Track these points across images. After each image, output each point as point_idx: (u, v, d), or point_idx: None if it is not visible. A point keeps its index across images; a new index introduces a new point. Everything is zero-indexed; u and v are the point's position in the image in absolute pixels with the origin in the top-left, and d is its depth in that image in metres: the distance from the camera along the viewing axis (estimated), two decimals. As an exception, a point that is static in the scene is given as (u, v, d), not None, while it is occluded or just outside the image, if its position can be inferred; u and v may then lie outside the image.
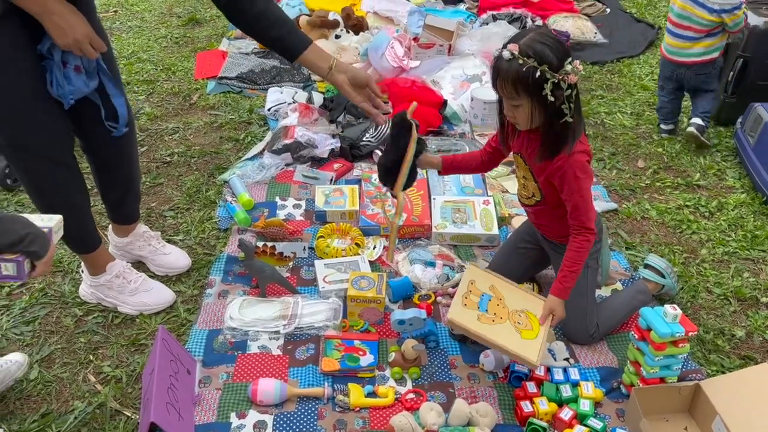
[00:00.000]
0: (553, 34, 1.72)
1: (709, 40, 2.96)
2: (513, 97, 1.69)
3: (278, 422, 1.73)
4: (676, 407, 1.80)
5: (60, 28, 1.63)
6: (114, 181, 2.10)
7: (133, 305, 2.09)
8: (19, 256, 1.32)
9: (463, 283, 1.91)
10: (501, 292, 1.92)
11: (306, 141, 2.85)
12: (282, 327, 2.01)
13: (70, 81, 1.74)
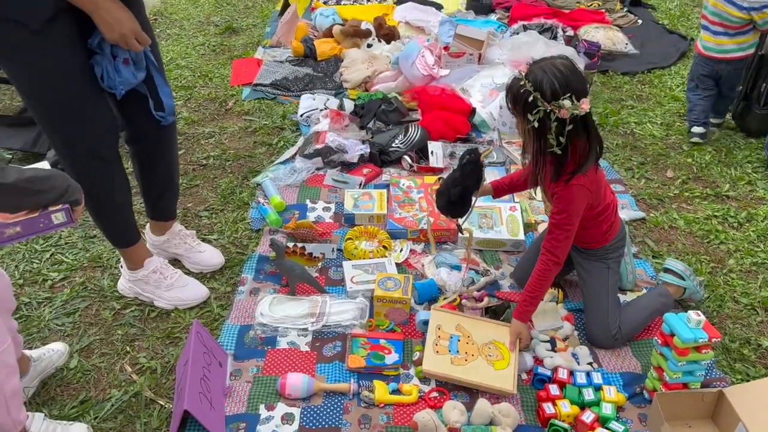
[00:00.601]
0: (572, 69, 1.75)
1: (741, 38, 3.06)
2: (512, 112, 1.84)
3: (305, 415, 1.79)
4: (699, 414, 1.81)
5: (108, 23, 1.72)
6: (156, 175, 2.19)
7: (169, 300, 2.17)
8: (65, 204, 1.46)
9: (431, 330, 1.96)
10: (468, 329, 1.98)
11: (336, 146, 2.92)
12: (310, 324, 2.07)
13: (119, 73, 1.84)
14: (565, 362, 1.95)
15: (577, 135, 1.76)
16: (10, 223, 1.42)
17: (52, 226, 1.48)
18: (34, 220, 1.45)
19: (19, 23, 1.65)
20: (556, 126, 1.72)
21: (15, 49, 1.71)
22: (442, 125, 3.09)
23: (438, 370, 1.83)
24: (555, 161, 1.81)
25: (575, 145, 1.79)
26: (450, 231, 2.47)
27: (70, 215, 1.49)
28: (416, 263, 2.36)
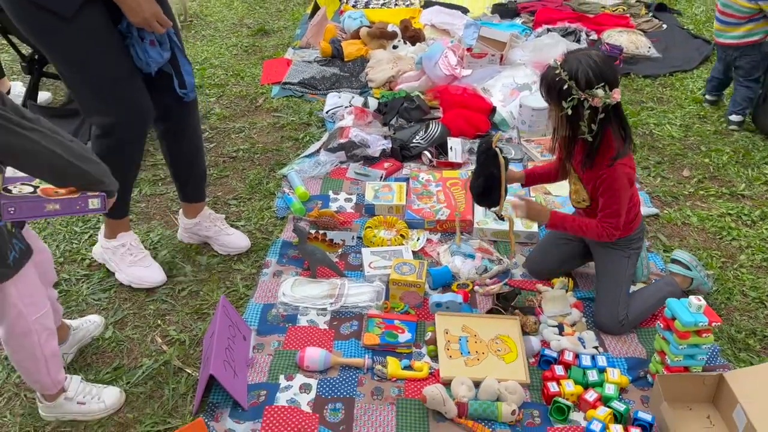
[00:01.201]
0: (605, 60, 1.87)
1: (750, 25, 3.27)
2: (546, 100, 1.92)
3: (322, 386, 1.90)
4: (700, 397, 1.87)
5: (132, 8, 1.88)
6: (182, 152, 2.32)
7: (127, 275, 2.30)
8: (102, 193, 1.58)
9: (439, 335, 2.04)
10: (473, 328, 2.07)
11: (359, 141, 3.04)
12: (329, 305, 2.19)
13: (147, 54, 2.00)
14: (572, 345, 2.03)
15: (609, 123, 1.87)
16: (51, 199, 1.56)
17: (86, 210, 1.59)
18: (72, 201, 1.57)
19: (51, 12, 1.82)
20: (589, 114, 1.82)
21: (52, 36, 1.88)
22: (463, 122, 3.19)
23: (455, 375, 1.91)
24: (586, 148, 1.91)
25: (608, 132, 1.89)
26: (465, 222, 2.57)
27: (104, 204, 1.60)
28: (432, 251, 2.47)
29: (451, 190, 2.75)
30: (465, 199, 2.69)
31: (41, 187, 1.58)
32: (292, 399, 1.86)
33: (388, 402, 1.86)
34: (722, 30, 3.37)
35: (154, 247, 2.52)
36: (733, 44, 3.34)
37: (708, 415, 1.84)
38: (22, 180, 1.60)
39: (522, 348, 2.01)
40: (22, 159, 1.47)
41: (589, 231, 2.02)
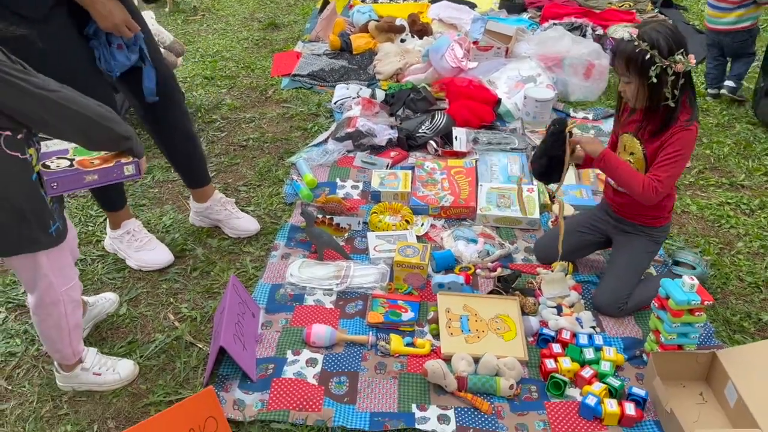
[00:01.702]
0: (673, 27, 1.96)
1: (740, 11, 3.45)
2: (625, 75, 1.96)
3: (327, 361, 1.98)
4: (693, 375, 1.93)
5: (103, 15, 1.96)
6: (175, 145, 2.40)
7: (136, 260, 2.39)
8: (134, 159, 1.66)
9: (441, 313, 2.10)
10: (473, 307, 2.13)
11: (366, 130, 3.11)
12: (335, 285, 2.26)
13: (114, 57, 2.08)
14: (569, 325, 2.09)
15: (685, 87, 1.94)
16: (89, 170, 1.64)
17: (123, 177, 1.69)
18: (108, 170, 1.67)
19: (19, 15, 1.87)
20: (672, 80, 1.89)
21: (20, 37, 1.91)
22: (468, 113, 3.25)
23: (456, 351, 1.97)
24: (665, 114, 1.95)
25: (684, 97, 1.96)
26: (468, 209, 2.63)
27: (139, 168, 1.69)
28: (435, 236, 2.54)
29: (456, 178, 2.81)
30: (468, 187, 2.75)
31: (77, 158, 1.66)
32: (299, 372, 1.93)
33: (391, 376, 1.93)
34: (714, 16, 3.54)
35: (167, 230, 2.61)
36: (725, 30, 3.51)
37: (701, 392, 1.90)
38: (57, 154, 1.69)
39: (521, 327, 2.07)
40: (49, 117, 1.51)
41: (635, 181, 2.00)
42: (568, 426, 1.79)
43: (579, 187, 2.81)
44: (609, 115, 3.55)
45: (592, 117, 3.53)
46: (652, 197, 1.99)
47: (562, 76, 3.68)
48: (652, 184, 1.98)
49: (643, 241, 2.17)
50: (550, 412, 1.83)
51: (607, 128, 3.43)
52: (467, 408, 1.84)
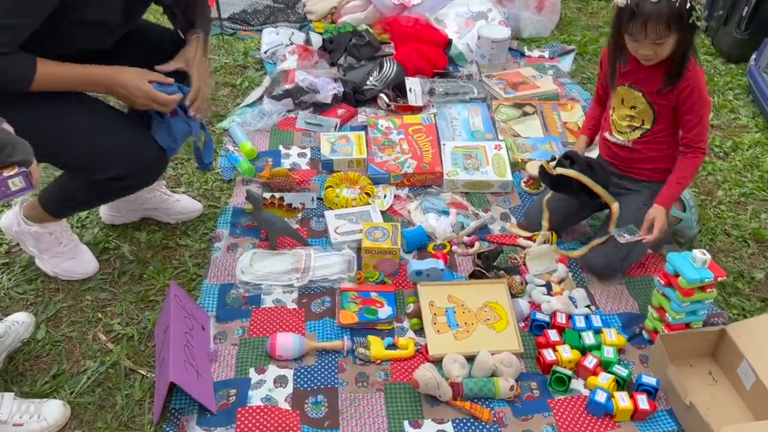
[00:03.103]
0: None
1: None
2: (662, 36, 1.72)
3: (299, 376, 1.70)
4: (700, 352, 1.78)
5: (126, 98, 1.68)
6: None
7: (52, 266, 1.98)
8: (21, 168, 1.33)
9: (425, 309, 1.85)
10: (459, 297, 1.89)
11: (307, 86, 2.73)
12: (296, 280, 1.96)
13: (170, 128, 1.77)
14: (563, 306, 1.89)
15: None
16: None
17: (11, 193, 1.32)
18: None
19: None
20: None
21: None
22: (418, 59, 2.91)
23: (445, 352, 1.74)
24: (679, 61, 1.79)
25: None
26: (434, 174, 2.35)
27: (29, 180, 1.32)
28: (402, 210, 2.25)
29: (415, 137, 2.51)
30: (430, 147, 2.46)
31: None
32: (268, 396, 1.64)
33: (375, 388, 1.68)
34: None
35: (83, 225, 2.19)
36: None
37: (710, 371, 1.76)
38: None
39: (512, 314, 1.85)
40: None
41: (691, 170, 1.92)
42: (578, 427, 1.61)
43: (548, 139, 2.58)
44: (565, 52, 3.31)
45: (548, 55, 3.27)
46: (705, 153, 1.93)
47: (513, 10, 3.37)
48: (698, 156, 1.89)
49: (643, 197, 1.98)
50: (556, 412, 1.64)
51: (565, 67, 3.19)
52: (466, 419, 1.62)
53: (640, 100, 1.90)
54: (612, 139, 2.02)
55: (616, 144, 2.02)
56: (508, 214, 2.25)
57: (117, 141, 1.71)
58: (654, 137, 1.94)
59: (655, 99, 1.88)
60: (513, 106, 2.77)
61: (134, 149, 1.73)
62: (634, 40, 1.77)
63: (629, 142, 1.98)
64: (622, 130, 1.99)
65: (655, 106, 1.89)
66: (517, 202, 2.32)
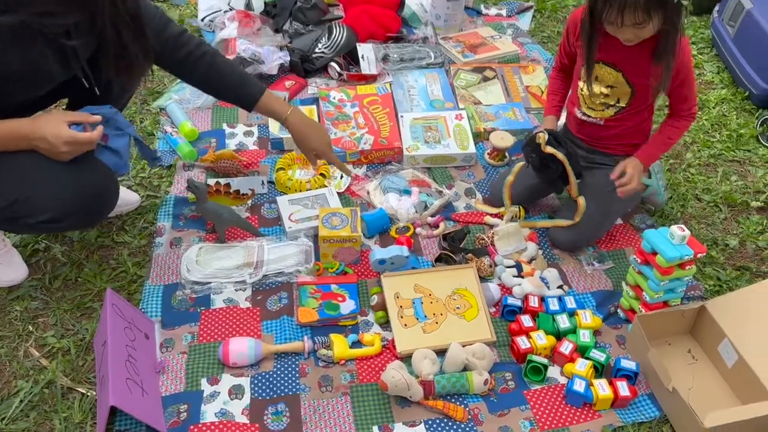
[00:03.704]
0: None
1: None
2: (642, 22, 1.59)
3: (256, 385, 1.55)
4: (678, 330, 1.71)
5: (48, 151, 1.47)
6: None
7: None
8: None
9: (389, 301, 1.71)
10: (427, 287, 1.76)
11: (251, 56, 2.51)
12: (248, 276, 1.79)
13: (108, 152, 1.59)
14: (535, 288, 1.78)
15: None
16: None
17: None
18: None
19: None
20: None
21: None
22: (370, 22, 2.72)
23: (413, 347, 1.61)
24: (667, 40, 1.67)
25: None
26: (393, 150, 2.19)
27: None
28: (360, 191, 2.09)
29: (370, 109, 2.33)
30: (388, 120, 2.29)
31: None
32: (223, 410, 1.49)
33: (341, 392, 1.55)
34: None
35: (6, 225, 1.96)
36: None
37: (689, 349, 1.69)
38: None
39: (483, 300, 1.74)
40: None
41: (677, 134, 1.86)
42: (557, 419, 1.52)
43: (510, 106, 2.43)
44: (523, 9, 3.14)
45: (506, 13, 3.10)
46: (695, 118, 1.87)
47: (468, -35, 3.18)
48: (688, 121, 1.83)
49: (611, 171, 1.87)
50: (533, 404, 1.55)
51: (523, 26, 3.04)
52: (439, 419, 1.51)
53: (619, 80, 1.79)
54: (582, 117, 1.90)
55: (585, 121, 1.90)
56: (473, 189, 2.12)
57: (41, 183, 1.50)
58: (629, 114, 1.84)
59: (636, 80, 1.76)
60: (472, 70, 2.61)
61: (62, 189, 1.51)
62: (613, 25, 1.63)
63: (601, 120, 1.87)
64: (595, 107, 1.87)
65: (636, 86, 1.77)
66: (482, 175, 2.18)
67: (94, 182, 1.54)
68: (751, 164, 2.29)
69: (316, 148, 1.82)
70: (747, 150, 2.34)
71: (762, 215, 2.10)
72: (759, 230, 2.04)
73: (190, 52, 1.69)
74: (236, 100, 1.80)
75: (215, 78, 1.74)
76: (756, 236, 2.02)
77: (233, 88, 1.76)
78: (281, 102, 1.81)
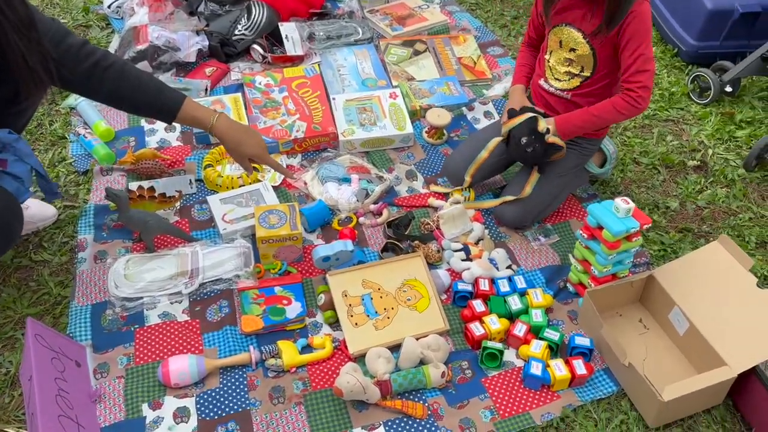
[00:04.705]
0: None
1: None
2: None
3: (202, 405, 1.46)
4: (627, 299, 1.71)
5: None
6: None
7: None
8: None
9: (337, 300, 1.63)
10: (374, 281, 1.69)
11: (165, 43, 2.33)
12: (184, 286, 1.68)
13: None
14: (484, 271, 1.74)
15: None
16: None
17: None
18: None
19: None
20: None
21: None
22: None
23: (366, 346, 1.54)
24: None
25: None
26: (328, 136, 2.09)
27: None
28: (296, 183, 1.99)
29: (300, 93, 2.22)
30: (320, 104, 2.18)
31: None
32: (169, 436, 1.40)
33: (294, 402, 1.48)
34: None
35: None
36: None
37: (640, 318, 1.69)
38: None
39: (433, 289, 1.68)
40: None
41: (614, 115, 1.72)
42: (517, 405, 1.50)
43: (444, 80, 2.36)
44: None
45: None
46: (645, 106, 1.69)
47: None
48: (638, 97, 1.66)
49: (571, 155, 1.84)
50: (492, 392, 1.52)
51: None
52: (398, 418, 1.46)
53: (579, 42, 1.73)
54: (548, 87, 1.86)
55: (552, 94, 1.85)
56: (414, 171, 2.05)
57: None
58: (594, 87, 1.78)
59: (595, 41, 1.70)
60: (402, 44, 2.52)
61: None
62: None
63: (567, 93, 1.82)
64: (560, 77, 1.82)
65: (596, 48, 1.72)
66: (422, 155, 2.11)
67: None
68: (685, 123, 2.30)
69: (252, 154, 1.68)
70: (680, 108, 2.36)
71: (699, 174, 2.12)
72: (698, 189, 2.06)
73: (95, 62, 1.51)
74: (154, 112, 1.63)
75: (128, 88, 1.56)
76: (695, 196, 2.04)
77: (150, 97, 1.59)
78: (204, 108, 1.65)
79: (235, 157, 1.70)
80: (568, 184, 1.90)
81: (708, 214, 1.99)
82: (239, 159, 1.70)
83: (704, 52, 2.47)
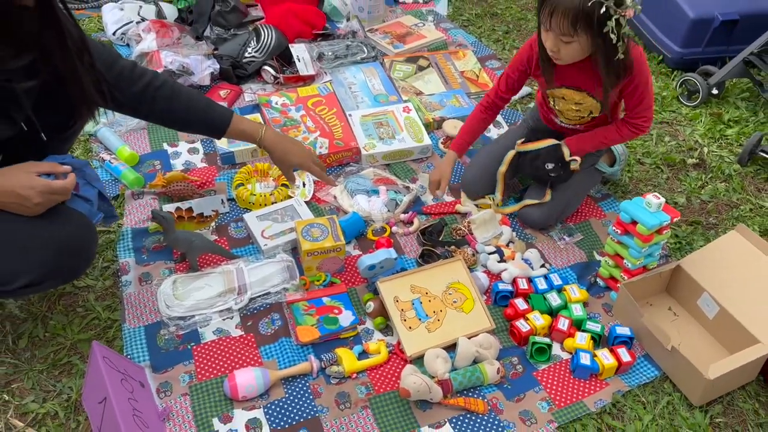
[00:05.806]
0: None
1: None
2: (567, 33, 1.61)
3: (272, 415, 1.49)
4: (656, 290, 1.82)
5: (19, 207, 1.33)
6: None
7: None
8: None
9: (390, 306, 1.69)
10: (421, 286, 1.76)
11: (178, 68, 2.36)
12: (234, 302, 1.71)
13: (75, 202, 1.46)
14: (521, 271, 1.83)
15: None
16: None
17: None
18: None
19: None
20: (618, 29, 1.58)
21: None
22: (295, 21, 2.64)
23: (422, 348, 1.61)
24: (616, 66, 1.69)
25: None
26: (351, 151, 2.15)
27: None
28: (326, 196, 2.04)
29: (317, 111, 2.27)
30: (338, 121, 2.24)
31: None
32: (245, 449, 1.43)
33: (360, 406, 1.52)
34: None
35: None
36: None
37: (669, 307, 1.80)
38: None
39: (476, 291, 1.76)
40: None
41: (618, 138, 1.90)
42: (569, 394, 1.58)
43: (452, 93, 2.46)
44: (439, -7, 3.17)
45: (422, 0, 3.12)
46: (645, 128, 1.86)
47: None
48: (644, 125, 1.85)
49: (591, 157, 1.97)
50: (545, 385, 1.60)
51: (441, 10, 3.07)
52: (462, 415, 1.52)
53: (585, 97, 1.85)
54: (560, 123, 2.00)
55: (564, 127, 2.00)
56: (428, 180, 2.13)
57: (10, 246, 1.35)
58: (604, 117, 1.91)
59: (600, 94, 1.81)
60: (406, 61, 2.61)
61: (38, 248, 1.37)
62: (543, 27, 1.68)
63: (579, 126, 1.97)
64: (572, 118, 1.95)
65: (603, 100, 1.82)
66: (442, 165, 2.20)
67: (72, 234, 1.40)
68: (678, 124, 2.46)
69: (298, 163, 1.74)
70: (672, 111, 2.51)
71: (698, 171, 2.27)
72: (699, 185, 2.20)
73: (147, 83, 1.55)
74: (205, 128, 1.67)
75: (180, 107, 1.60)
76: (698, 191, 2.18)
77: (201, 114, 1.63)
78: (250, 122, 1.70)
79: (281, 167, 1.75)
80: (583, 182, 2.01)
81: (712, 207, 2.13)
82: (285, 168, 1.75)
83: (688, 58, 2.64)
